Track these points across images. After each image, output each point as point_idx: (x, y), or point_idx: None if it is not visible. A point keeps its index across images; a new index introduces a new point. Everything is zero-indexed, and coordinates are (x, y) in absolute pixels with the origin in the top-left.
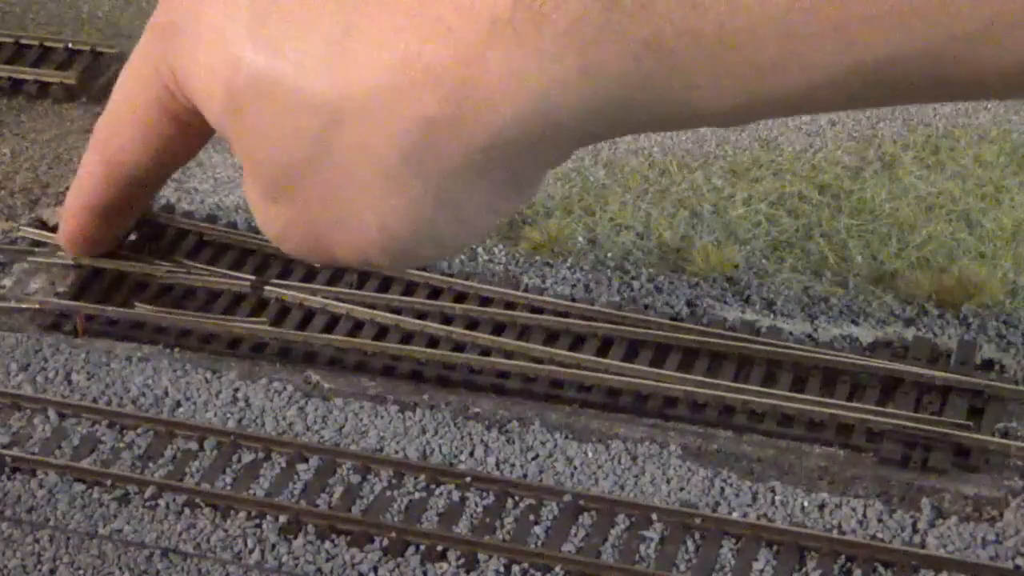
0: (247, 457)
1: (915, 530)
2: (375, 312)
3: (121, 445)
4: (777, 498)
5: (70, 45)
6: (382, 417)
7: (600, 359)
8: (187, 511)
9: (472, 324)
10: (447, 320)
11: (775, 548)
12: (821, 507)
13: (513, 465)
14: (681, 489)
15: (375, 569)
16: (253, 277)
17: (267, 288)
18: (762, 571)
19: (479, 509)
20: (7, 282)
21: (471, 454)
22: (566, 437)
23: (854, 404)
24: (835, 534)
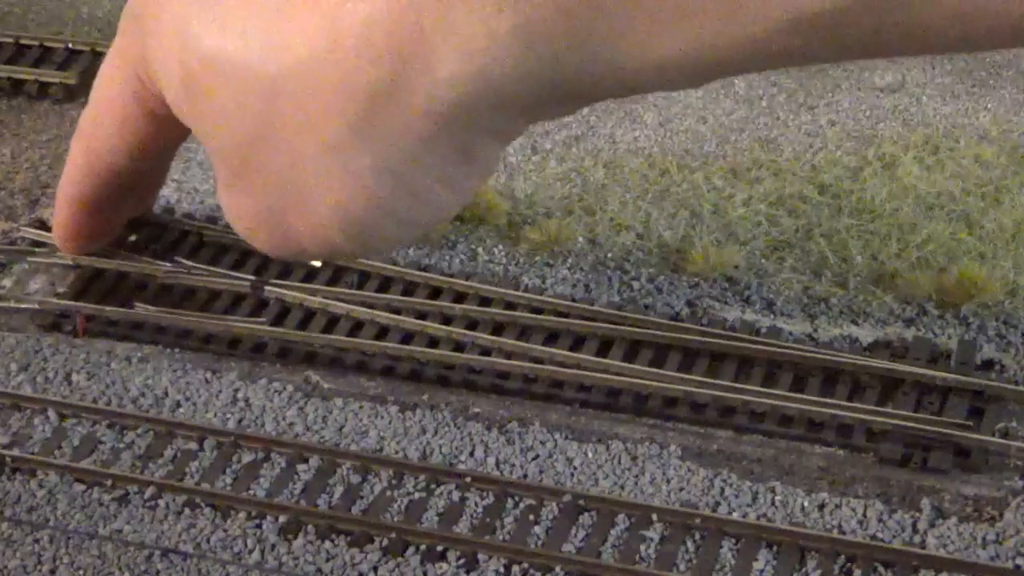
0: (247, 457)
1: (915, 530)
2: (375, 312)
3: (121, 445)
4: (777, 498)
5: (70, 45)
6: (382, 417)
7: (600, 359)
8: (187, 511)
9: (472, 324)
10: (447, 320)
11: (775, 548)
12: (821, 507)
13: (513, 465)
14: (681, 489)
15: (375, 569)
16: (253, 277)
17: (267, 288)
18: (762, 571)
19: (479, 509)
20: (7, 282)
21: (471, 454)
22: (566, 437)
23: (854, 404)
24: (835, 534)
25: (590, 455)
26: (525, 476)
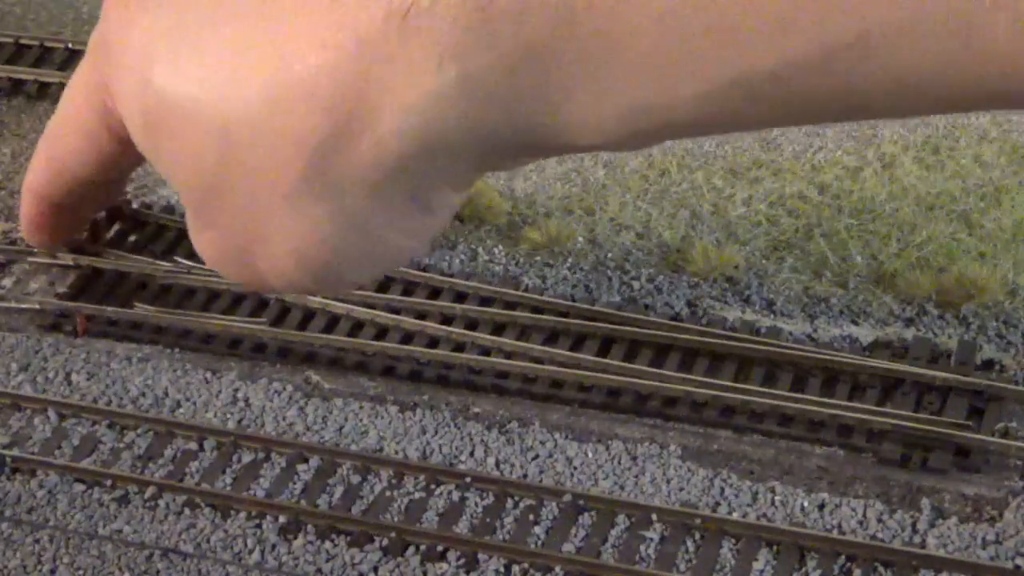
0: (247, 457)
1: (915, 530)
2: (375, 312)
3: (121, 445)
4: (777, 498)
5: (70, 45)
6: (382, 417)
7: (600, 359)
8: (187, 511)
9: (472, 324)
10: (447, 320)
11: (775, 548)
12: (821, 507)
13: (513, 465)
14: (681, 489)
15: (375, 569)
16: None
17: None
18: (762, 571)
19: (479, 509)
20: (7, 282)
21: (471, 454)
22: (566, 437)
23: (854, 404)
24: (835, 534)
25: (590, 455)
26: (525, 476)
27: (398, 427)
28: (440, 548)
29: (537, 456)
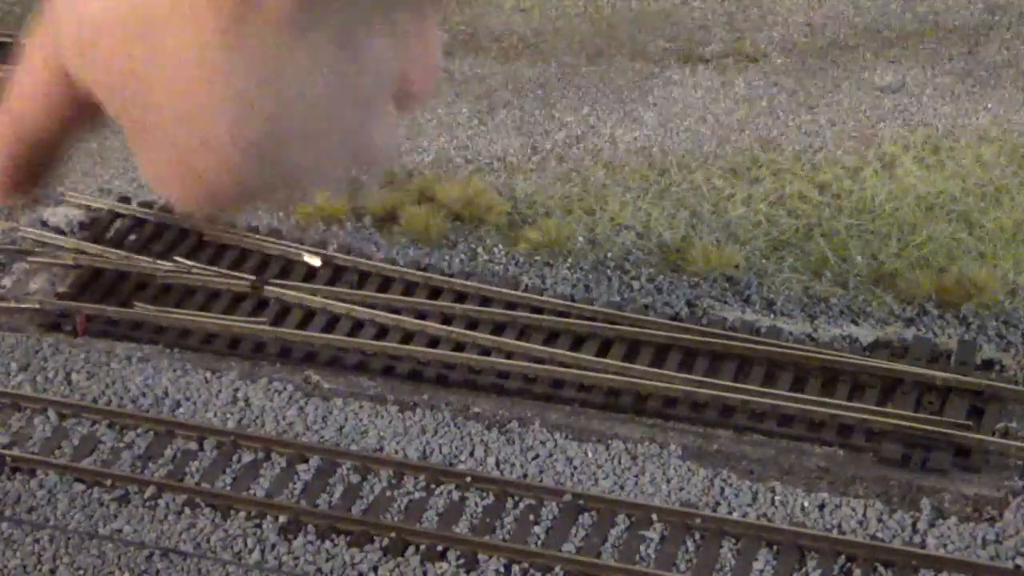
0: (247, 457)
1: (915, 530)
2: (375, 312)
3: (121, 445)
4: (777, 498)
5: None
6: (382, 417)
7: (600, 359)
8: (187, 511)
9: (472, 324)
10: (447, 320)
11: (775, 548)
12: (821, 507)
13: (513, 465)
14: (681, 489)
15: (375, 569)
16: (253, 277)
17: (267, 288)
18: (762, 571)
19: (479, 509)
20: (7, 282)
21: (471, 454)
22: (566, 437)
23: (854, 404)
24: (835, 534)
25: (590, 455)
26: (525, 476)
27: (398, 427)
28: (440, 548)
29: (537, 456)
